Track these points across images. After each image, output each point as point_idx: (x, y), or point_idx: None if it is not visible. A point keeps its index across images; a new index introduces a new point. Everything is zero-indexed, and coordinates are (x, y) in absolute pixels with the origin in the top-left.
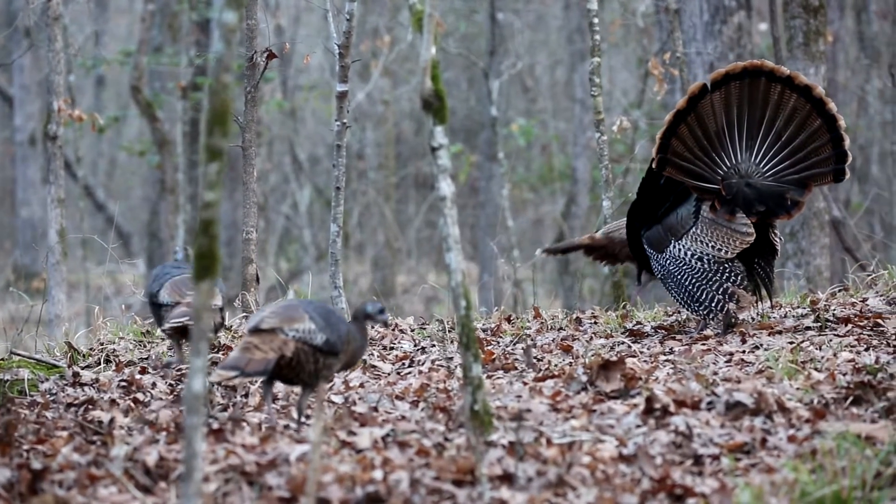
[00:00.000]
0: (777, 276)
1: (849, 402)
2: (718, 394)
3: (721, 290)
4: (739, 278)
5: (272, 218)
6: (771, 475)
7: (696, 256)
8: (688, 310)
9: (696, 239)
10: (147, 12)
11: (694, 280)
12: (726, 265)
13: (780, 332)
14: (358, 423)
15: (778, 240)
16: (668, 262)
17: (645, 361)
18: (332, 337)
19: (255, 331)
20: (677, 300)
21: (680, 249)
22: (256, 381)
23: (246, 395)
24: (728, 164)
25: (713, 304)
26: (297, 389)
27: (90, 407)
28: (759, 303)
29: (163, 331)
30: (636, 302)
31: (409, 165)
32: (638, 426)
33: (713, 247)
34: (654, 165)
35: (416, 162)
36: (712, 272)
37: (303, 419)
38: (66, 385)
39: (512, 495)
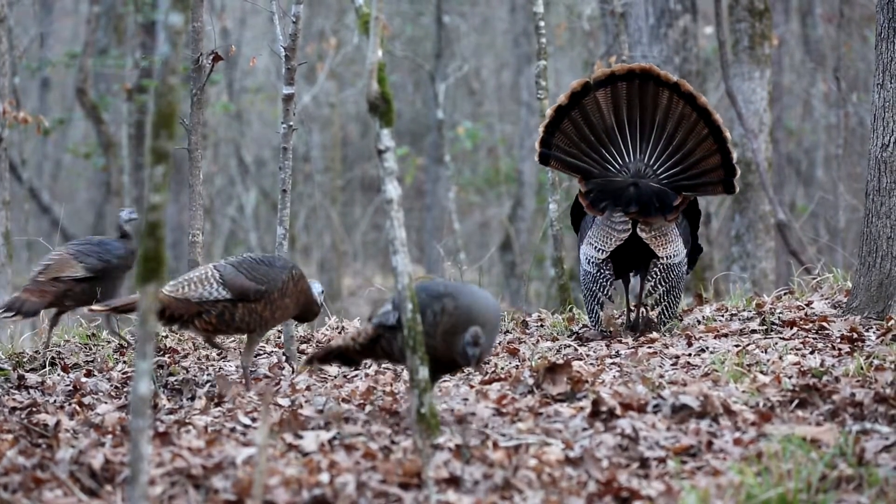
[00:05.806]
0: (723, 278)
1: (794, 404)
2: (664, 397)
3: (594, 297)
4: (609, 284)
5: (218, 220)
6: (717, 478)
7: (586, 259)
8: (588, 317)
9: (589, 241)
10: (92, 14)
11: (584, 285)
12: (600, 270)
13: (725, 335)
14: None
15: (660, 245)
16: (580, 267)
17: (591, 364)
18: (245, 284)
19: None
20: (586, 308)
21: (582, 253)
22: (205, 386)
23: (192, 399)
24: (619, 162)
25: (592, 312)
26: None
27: (35, 410)
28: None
29: None
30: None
31: (356, 168)
32: (584, 429)
33: (595, 247)
34: (536, 159)
35: (363, 165)
36: (591, 277)
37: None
38: (12, 388)
39: (458, 498)
